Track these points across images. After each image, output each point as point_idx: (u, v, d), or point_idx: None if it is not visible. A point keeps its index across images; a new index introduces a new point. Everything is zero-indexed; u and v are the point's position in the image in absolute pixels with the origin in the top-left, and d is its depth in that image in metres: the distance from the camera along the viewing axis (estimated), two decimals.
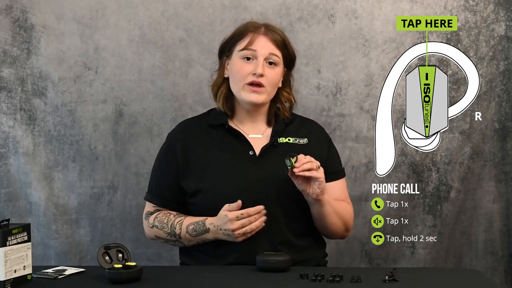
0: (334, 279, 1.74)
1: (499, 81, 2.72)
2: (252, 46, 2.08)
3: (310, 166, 1.97)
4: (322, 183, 2.00)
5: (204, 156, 2.12)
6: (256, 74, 2.07)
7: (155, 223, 2.12)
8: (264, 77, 2.08)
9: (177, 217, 2.10)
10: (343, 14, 2.72)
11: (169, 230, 2.09)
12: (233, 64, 2.12)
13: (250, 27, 2.12)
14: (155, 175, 2.19)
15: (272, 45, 2.10)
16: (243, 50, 2.09)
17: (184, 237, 2.07)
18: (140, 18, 2.71)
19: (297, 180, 2.00)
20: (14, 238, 1.71)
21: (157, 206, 2.16)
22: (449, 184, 2.72)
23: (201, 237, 2.05)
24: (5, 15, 2.68)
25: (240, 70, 2.09)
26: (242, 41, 2.11)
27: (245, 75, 2.08)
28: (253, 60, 2.09)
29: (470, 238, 2.79)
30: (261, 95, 2.10)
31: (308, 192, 2.01)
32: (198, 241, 2.07)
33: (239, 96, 2.11)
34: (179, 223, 2.08)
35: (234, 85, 2.12)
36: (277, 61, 2.11)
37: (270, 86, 2.11)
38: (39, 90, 2.71)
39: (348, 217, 2.19)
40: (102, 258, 1.83)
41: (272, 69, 2.10)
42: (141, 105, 2.73)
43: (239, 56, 2.10)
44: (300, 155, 1.98)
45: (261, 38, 2.10)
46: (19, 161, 2.71)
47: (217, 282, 1.77)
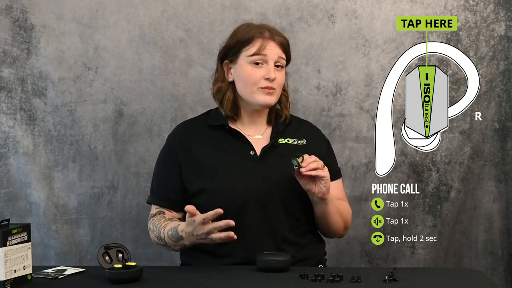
0: (334, 279, 1.74)
1: (499, 81, 2.72)
2: (264, 52, 2.11)
3: (316, 165, 1.99)
4: (327, 182, 2.01)
5: (206, 156, 2.12)
6: (270, 78, 2.10)
7: (150, 226, 2.13)
8: (275, 81, 2.11)
9: (165, 222, 2.10)
10: (343, 14, 2.72)
11: (157, 234, 2.09)
12: (240, 69, 2.13)
13: (255, 32, 2.13)
14: (157, 177, 2.19)
15: (280, 49, 2.13)
16: (254, 56, 2.11)
17: (167, 241, 2.07)
18: (140, 18, 2.71)
19: (303, 180, 2.02)
20: (14, 238, 1.72)
21: (161, 208, 2.16)
22: (449, 184, 2.72)
23: (179, 243, 2.03)
24: (5, 15, 2.68)
25: (252, 75, 2.10)
26: (251, 46, 2.11)
27: (257, 80, 2.10)
28: (263, 65, 2.11)
29: (470, 238, 2.79)
30: (273, 97, 2.13)
31: (314, 191, 2.02)
32: (181, 247, 2.06)
33: (252, 99, 2.13)
34: (163, 227, 2.08)
35: (245, 90, 2.13)
36: (283, 63, 2.15)
37: (279, 88, 2.15)
38: (39, 90, 2.71)
39: (348, 216, 2.21)
40: (102, 258, 1.83)
41: (280, 71, 2.14)
42: (141, 105, 2.73)
43: (248, 61, 2.11)
44: (305, 155, 2.00)
45: (270, 43, 2.12)
46: (19, 161, 2.71)
47: (217, 282, 1.77)
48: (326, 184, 2.01)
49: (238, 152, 2.13)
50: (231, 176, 2.08)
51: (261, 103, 2.12)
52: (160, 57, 2.72)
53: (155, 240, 2.12)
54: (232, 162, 2.11)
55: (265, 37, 2.12)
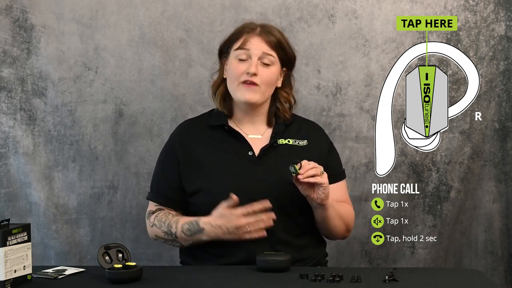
0: (334, 279, 1.74)
1: (499, 81, 2.72)
2: (246, 46, 2.10)
3: (314, 172, 1.98)
4: (326, 188, 2.01)
5: (204, 156, 2.13)
6: (250, 73, 2.08)
7: (155, 222, 2.12)
8: (258, 76, 2.09)
9: (175, 217, 2.11)
10: (343, 14, 2.72)
11: (166, 229, 2.09)
12: (230, 65, 2.14)
13: (246, 28, 2.14)
14: (157, 175, 2.20)
15: (266, 46, 2.12)
16: (237, 50, 2.11)
17: (180, 236, 2.07)
18: (140, 18, 2.71)
19: (302, 186, 2.01)
20: (14, 238, 1.71)
21: (160, 205, 2.17)
22: (449, 184, 2.72)
23: (196, 237, 2.05)
24: (5, 15, 2.68)
25: (235, 69, 2.11)
26: (238, 41, 2.13)
27: (239, 74, 2.10)
28: (247, 60, 2.11)
29: (470, 238, 2.79)
30: (255, 94, 2.10)
31: (313, 197, 2.01)
32: (193, 241, 2.07)
33: (235, 95, 2.13)
34: (175, 222, 2.08)
35: (230, 85, 2.14)
36: (272, 60, 2.12)
37: (264, 85, 2.11)
38: (39, 90, 2.71)
39: (350, 218, 2.20)
40: (102, 258, 1.82)
41: (267, 68, 2.11)
42: (141, 105, 2.73)
43: (234, 56, 2.12)
44: (304, 161, 1.98)
45: (255, 38, 2.12)
46: (19, 161, 2.71)
47: (217, 282, 1.77)
48: (325, 191, 2.00)
49: (237, 152, 2.13)
50: (228, 177, 2.08)
51: (242, 99, 2.11)
52: (160, 57, 2.72)
53: (160, 235, 2.11)
54: (230, 162, 2.11)
55: (252, 32, 2.12)
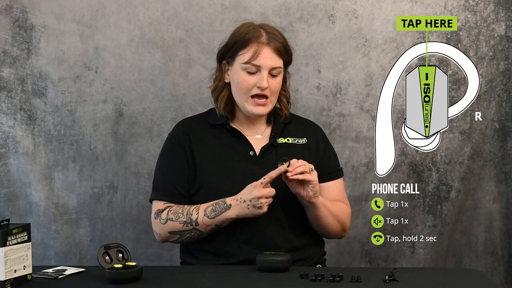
0: (334, 279, 1.74)
1: (499, 81, 2.72)
2: (256, 62, 2.08)
3: (303, 169, 1.99)
4: (315, 186, 2.01)
5: (206, 154, 2.13)
6: (262, 87, 2.08)
7: (169, 216, 2.09)
8: (268, 89, 2.09)
9: (190, 206, 2.09)
10: (343, 14, 2.72)
11: (185, 219, 2.06)
12: (235, 74, 2.11)
13: (252, 36, 2.09)
14: (163, 174, 2.16)
15: (276, 57, 2.10)
16: (247, 64, 2.09)
17: (201, 222, 2.05)
18: (140, 18, 2.71)
19: (291, 183, 2.02)
20: (14, 238, 1.72)
21: (169, 203, 2.13)
22: (449, 184, 2.72)
23: (221, 216, 2.03)
24: (5, 15, 2.68)
25: (244, 82, 2.09)
26: (245, 52, 2.09)
27: (249, 88, 2.09)
28: (256, 73, 2.09)
29: (470, 238, 2.79)
30: (266, 107, 2.12)
31: (302, 195, 2.03)
32: (216, 224, 2.05)
33: (243, 107, 2.12)
34: (195, 209, 2.06)
35: (238, 96, 2.13)
36: (279, 71, 2.12)
37: (273, 95, 2.13)
38: (39, 90, 2.71)
39: (345, 217, 2.18)
40: (102, 258, 1.82)
41: (275, 79, 2.11)
42: (141, 105, 2.73)
43: (242, 68, 2.10)
44: (293, 160, 2.01)
45: (265, 50, 2.08)
46: (19, 161, 2.71)
47: (217, 282, 1.77)
48: (314, 188, 2.01)
49: (238, 151, 2.13)
50: (229, 176, 2.09)
51: (252, 113, 2.12)
52: (160, 57, 2.72)
53: (177, 228, 2.08)
54: (231, 161, 2.11)
55: (260, 42, 2.08)
